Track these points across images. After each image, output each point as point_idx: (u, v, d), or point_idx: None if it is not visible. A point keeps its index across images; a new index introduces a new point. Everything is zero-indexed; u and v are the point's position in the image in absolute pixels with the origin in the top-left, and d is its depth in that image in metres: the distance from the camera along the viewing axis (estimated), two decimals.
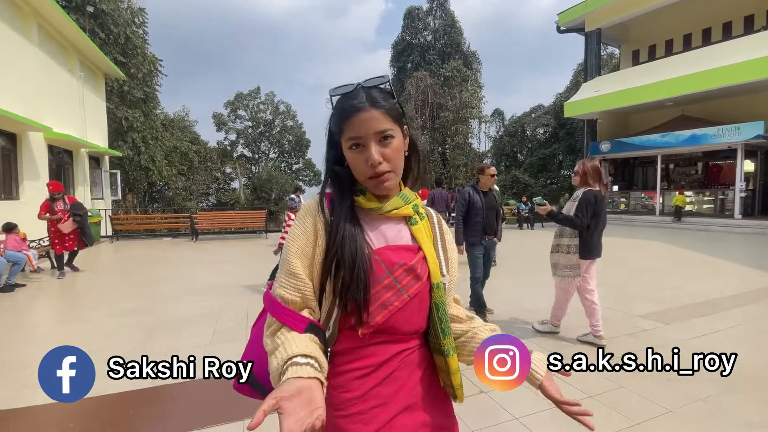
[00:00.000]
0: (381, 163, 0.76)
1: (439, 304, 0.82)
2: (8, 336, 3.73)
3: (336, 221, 0.80)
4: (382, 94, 0.80)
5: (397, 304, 0.78)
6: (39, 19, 9.12)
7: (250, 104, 32.45)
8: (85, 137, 11.28)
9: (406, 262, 0.79)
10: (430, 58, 24.96)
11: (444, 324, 0.83)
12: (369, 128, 0.76)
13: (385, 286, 0.77)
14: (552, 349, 2.94)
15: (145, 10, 18.19)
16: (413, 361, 0.82)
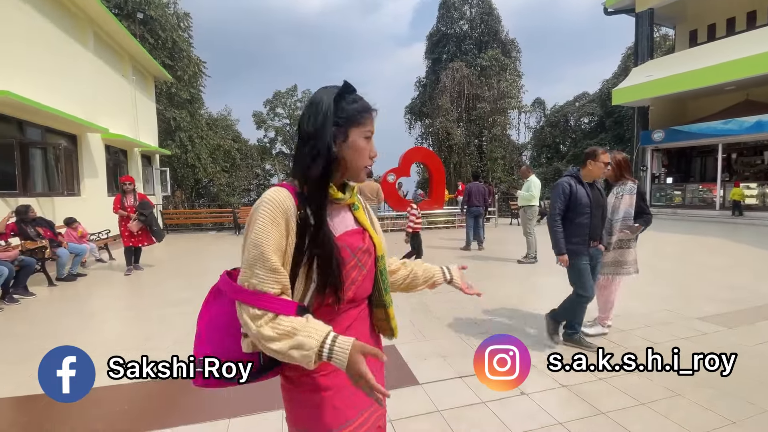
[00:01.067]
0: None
1: (382, 270, 1.00)
2: (69, 322, 4.06)
3: (307, 215, 0.86)
4: None
5: (360, 279, 0.94)
6: (94, 27, 9.80)
7: (288, 102, 33.27)
8: (137, 137, 12.07)
9: (363, 244, 0.95)
10: (466, 48, 24.29)
11: (386, 284, 1.02)
12: (373, 129, 0.94)
13: (351, 267, 0.91)
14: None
15: (189, 15, 19.08)
16: (364, 316, 1.00)
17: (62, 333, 3.67)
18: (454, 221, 12.45)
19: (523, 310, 4.06)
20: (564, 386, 2.49)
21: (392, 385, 2.54)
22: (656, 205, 15.79)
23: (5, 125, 6.59)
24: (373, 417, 0.97)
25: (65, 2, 8.57)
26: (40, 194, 7.38)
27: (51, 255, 5.68)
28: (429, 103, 25.04)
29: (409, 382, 2.57)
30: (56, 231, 6.15)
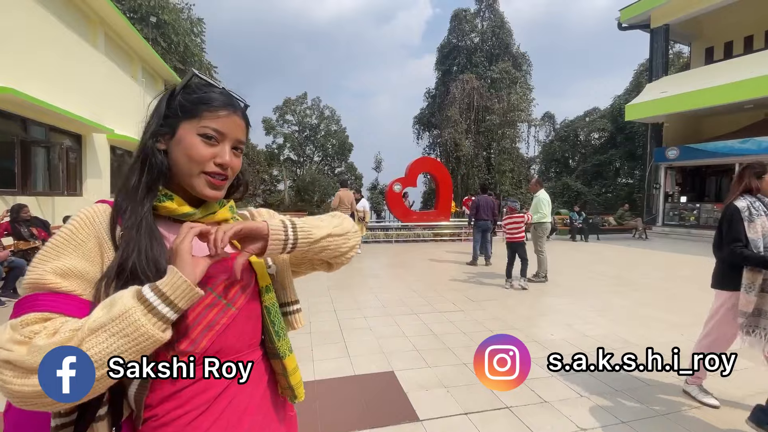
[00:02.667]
0: (227, 167, 0.70)
1: (270, 306, 0.75)
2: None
3: (128, 236, 0.63)
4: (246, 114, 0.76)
5: (225, 321, 0.68)
6: (106, 29, 9.84)
7: (297, 109, 33.45)
8: None
9: (227, 275, 0.69)
10: (476, 61, 24.26)
11: (278, 326, 0.76)
12: (233, 131, 0.70)
13: (207, 305, 0.66)
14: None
15: (203, 20, 19.31)
16: (257, 377, 0.73)
17: None
18: (460, 234, 12.17)
19: (534, 334, 3.78)
20: (582, 429, 2.21)
21: (389, 420, 2.27)
22: (669, 224, 15.37)
23: (8, 123, 6.51)
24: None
25: (77, 3, 8.60)
26: (39, 193, 7.27)
27: None
28: (438, 113, 24.99)
29: (408, 417, 2.30)
30: (51, 231, 6.01)
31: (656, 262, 8.48)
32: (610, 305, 4.89)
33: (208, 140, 0.68)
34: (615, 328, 3.99)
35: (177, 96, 0.70)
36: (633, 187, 21.53)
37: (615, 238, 13.38)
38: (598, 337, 3.69)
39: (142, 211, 0.65)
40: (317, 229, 0.74)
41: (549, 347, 3.43)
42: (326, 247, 0.76)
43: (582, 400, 2.53)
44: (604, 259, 8.99)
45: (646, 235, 13.30)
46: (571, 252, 10.09)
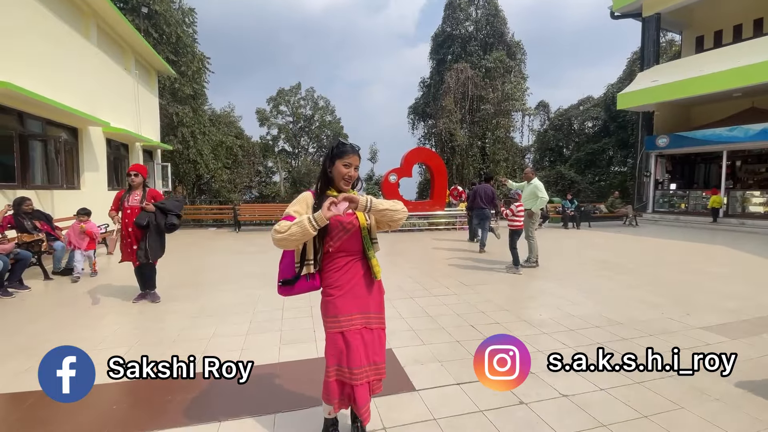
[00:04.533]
0: (353, 177, 1.78)
1: (365, 236, 1.79)
2: (64, 316, 4.01)
3: (318, 204, 1.71)
4: (358, 152, 1.79)
5: (345, 237, 1.75)
6: (98, 20, 9.76)
7: (291, 100, 33.19)
8: (139, 131, 12.03)
9: (348, 220, 1.75)
10: (471, 50, 24.19)
11: (367, 246, 1.79)
12: (355, 162, 1.76)
13: (338, 230, 1.74)
14: None
15: (194, 10, 19.02)
16: (357, 263, 1.80)
17: (56, 327, 3.62)
18: (455, 223, 12.38)
19: (524, 314, 4.00)
20: (564, 396, 2.43)
21: (388, 391, 2.47)
22: (659, 211, 15.70)
23: (5, 117, 6.54)
24: (361, 319, 1.77)
25: None
26: (39, 187, 7.33)
27: (47, 248, 5.64)
28: (432, 103, 24.99)
29: (405, 388, 2.50)
30: (53, 224, 6.11)
31: (644, 248, 8.75)
32: (596, 288, 5.13)
33: (345, 167, 1.74)
34: (599, 308, 4.22)
35: (334, 150, 1.76)
36: (626, 175, 21.83)
37: (606, 225, 13.67)
38: (583, 317, 3.92)
39: (322, 195, 1.74)
40: (381, 204, 1.67)
41: (536, 326, 3.66)
42: (385, 214, 1.70)
43: (563, 372, 2.74)
44: (594, 245, 9.25)
45: (637, 222, 13.60)
46: (563, 239, 10.35)
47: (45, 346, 3.08)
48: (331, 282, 1.76)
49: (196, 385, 2.46)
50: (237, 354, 2.97)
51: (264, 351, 3.04)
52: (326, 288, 1.78)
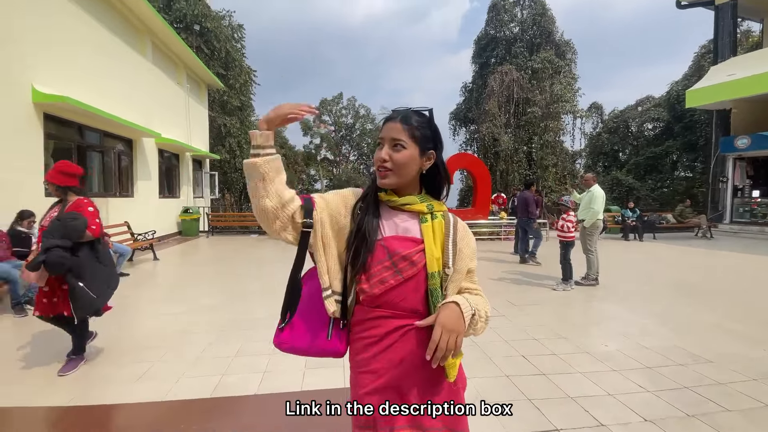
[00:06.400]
0: (386, 161, 1.00)
1: (432, 290, 1.00)
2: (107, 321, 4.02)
3: (359, 209, 1.05)
4: (417, 118, 1.02)
5: (392, 282, 0.99)
6: (153, 38, 10.35)
7: (333, 109, 33.92)
8: (189, 142, 12.61)
9: (405, 251, 0.99)
10: (516, 51, 23.20)
11: (437, 308, 0.98)
12: (388, 134, 1.01)
13: (385, 267, 0.99)
14: None
15: (243, 26, 19.95)
16: (413, 337, 1.00)
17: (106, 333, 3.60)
18: (499, 233, 11.65)
19: (585, 344, 3.42)
20: None
21: None
22: (739, 221, 13.85)
23: (66, 129, 6.99)
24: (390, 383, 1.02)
25: (127, 15, 9.10)
26: (95, 195, 7.76)
27: None
28: (475, 108, 24.23)
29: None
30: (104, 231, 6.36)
31: (724, 265, 7.60)
32: (670, 312, 4.39)
33: (379, 147, 1.03)
34: (677, 338, 3.54)
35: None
36: (693, 181, 19.66)
37: (674, 237, 12.24)
38: (660, 349, 3.28)
39: (370, 197, 1.06)
40: (479, 323, 1.01)
41: (603, 359, 3.08)
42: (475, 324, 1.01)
43: (646, 426, 2.19)
44: (662, 260, 8.20)
45: (711, 234, 12.04)
46: (625, 252, 9.32)
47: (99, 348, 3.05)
48: (361, 359, 1.03)
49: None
50: (258, 378, 2.72)
51: (286, 375, 2.77)
52: (355, 367, 1.05)
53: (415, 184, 1.05)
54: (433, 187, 1.09)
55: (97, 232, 2.76)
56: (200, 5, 16.43)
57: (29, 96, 5.84)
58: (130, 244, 7.07)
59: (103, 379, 2.78)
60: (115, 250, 6.11)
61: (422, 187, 1.08)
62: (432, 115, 1.05)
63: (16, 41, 5.60)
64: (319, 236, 1.02)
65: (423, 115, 1.03)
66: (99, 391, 2.59)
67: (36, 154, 6.04)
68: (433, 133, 1.03)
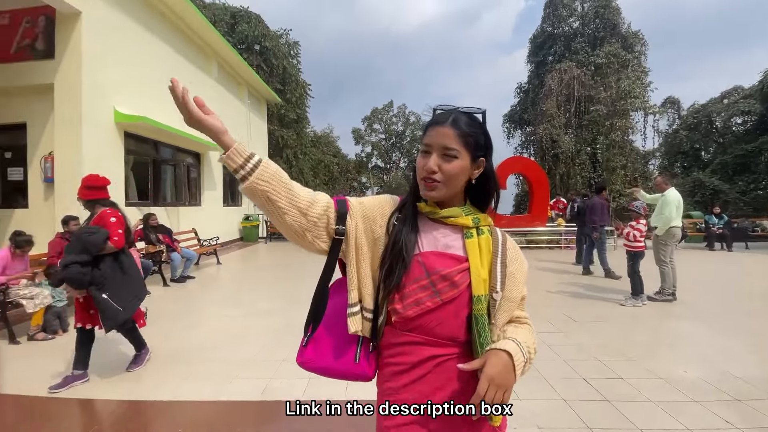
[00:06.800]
0: (435, 172, 0.87)
1: (478, 316, 0.86)
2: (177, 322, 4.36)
3: (396, 219, 0.93)
4: (469, 121, 0.89)
5: (429, 304, 0.86)
6: (219, 60, 11.26)
7: (384, 118, 34.43)
8: None
9: (445, 269, 0.87)
10: (576, 47, 21.83)
11: (483, 338, 0.86)
12: (438, 141, 0.87)
13: (421, 286, 0.87)
14: None
15: (299, 43, 21.06)
16: (450, 369, 0.87)
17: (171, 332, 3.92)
18: (559, 241, 10.90)
19: (659, 369, 3.01)
20: None
21: None
22: None
23: (143, 145, 7.80)
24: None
25: (197, 41, 10.00)
26: (167, 204, 8.56)
27: (166, 259, 6.41)
28: (531, 109, 23.16)
29: None
30: (173, 238, 6.96)
31: None
32: (763, 335, 3.74)
33: (424, 154, 0.90)
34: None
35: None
36: None
37: None
38: (752, 380, 2.79)
39: (408, 207, 0.94)
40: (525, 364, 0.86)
41: (681, 388, 2.68)
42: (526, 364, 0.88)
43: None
44: (753, 273, 7.11)
45: None
46: (709, 264, 8.23)
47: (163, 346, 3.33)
48: (388, 388, 0.92)
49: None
50: (303, 384, 2.75)
51: (330, 383, 2.76)
52: (382, 395, 0.94)
53: (460, 195, 0.94)
54: (479, 197, 0.96)
55: (119, 243, 2.77)
56: (260, 26, 17.65)
57: (112, 117, 6.60)
58: (196, 249, 7.67)
59: (164, 375, 2.99)
60: (183, 254, 6.66)
61: (466, 197, 0.96)
62: (485, 118, 0.93)
63: (102, 69, 6.37)
64: (352, 245, 0.90)
65: (475, 118, 0.92)
66: (159, 387, 2.78)
67: (118, 168, 6.80)
68: (485, 139, 0.92)
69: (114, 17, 6.64)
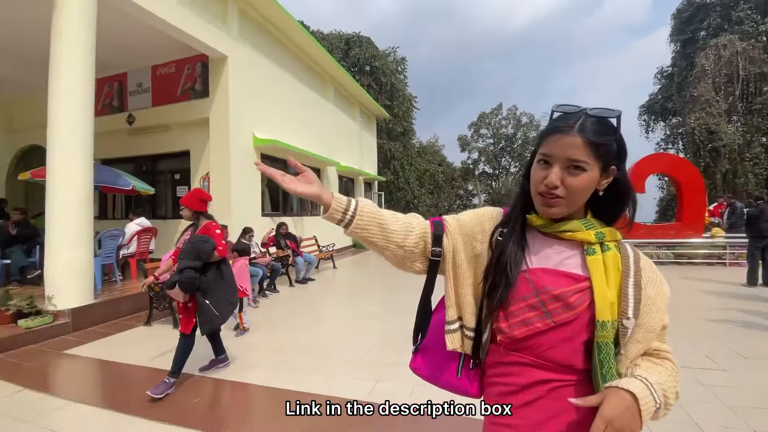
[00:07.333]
0: (557, 187, 0.77)
1: (602, 344, 0.75)
2: (299, 318, 4.90)
3: (500, 234, 0.86)
4: (599, 127, 0.77)
5: (539, 325, 0.78)
6: (335, 84, 12.42)
7: (492, 122, 33.09)
8: (362, 167, 14.45)
9: (557, 289, 0.78)
10: (739, 16, 17.56)
11: (606, 369, 0.75)
12: (562, 152, 0.76)
13: (529, 305, 0.79)
14: None
15: (405, 59, 21.89)
16: (567, 397, 0.76)
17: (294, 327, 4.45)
18: (722, 256, 8.74)
19: None
20: None
21: None
22: None
23: (274, 164, 9.01)
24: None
25: (317, 69, 11.24)
26: (294, 214, 9.72)
27: (292, 262, 7.24)
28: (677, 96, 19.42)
29: None
30: (299, 244, 7.85)
31: None
32: None
33: (542, 164, 0.79)
34: None
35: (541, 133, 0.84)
36: None
37: None
38: None
39: (517, 220, 0.86)
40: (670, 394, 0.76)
41: None
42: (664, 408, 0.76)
43: None
44: None
45: None
46: None
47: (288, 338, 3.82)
48: (496, 409, 0.87)
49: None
50: (408, 389, 2.76)
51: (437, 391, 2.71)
52: (489, 416, 0.88)
53: (582, 206, 0.83)
54: (605, 208, 0.84)
55: (223, 252, 3.02)
56: (371, 48, 18.92)
57: (251, 142, 7.83)
58: (316, 254, 8.49)
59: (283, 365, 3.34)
60: (305, 258, 7.45)
61: (587, 208, 0.84)
62: (620, 122, 0.79)
63: (243, 102, 7.63)
64: (449, 265, 0.89)
65: (607, 122, 0.78)
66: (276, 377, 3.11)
67: (256, 184, 8.02)
68: (619, 146, 0.79)
69: (252, 58, 7.93)
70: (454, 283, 0.90)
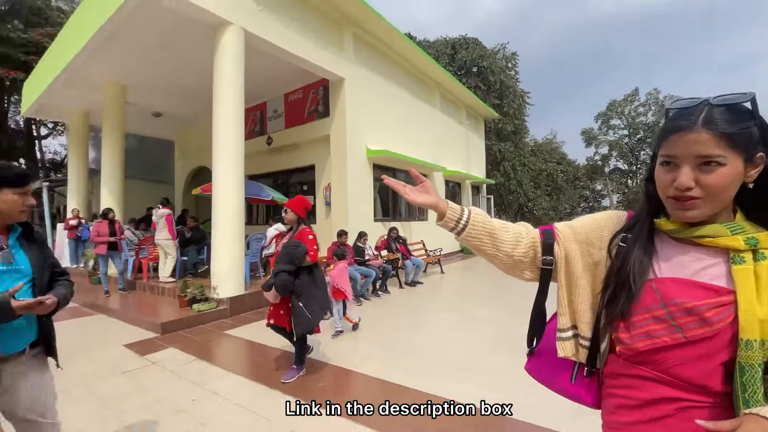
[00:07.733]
0: (691, 188, 0.70)
1: (746, 366, 0.67)
2: (408, 319, 5.12)
3: (621, 240, 0.82)
4: (731, 115, 0.69)
5: (666, 339, 0.72)
6: (441, 90, 12.51)
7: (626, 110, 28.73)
8: (469, 171, 14.17)
9: (690, 301, 0.71)
10: None
11: (750, 393, 0.66)
12: (687, 150, 0.71)
13: (655, 317, 0.74)
14: None
15: (516, 53, 20.69)
16: (699, 418, 0.69)
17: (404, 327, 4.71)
18: None
19: None
20: None
21: None
22: None
23: (384, 171, 9.56)
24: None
25: (422, 77, 11.52)
26: (402, 219, 10.11)
27: (401, 265, 7.55)
28: None
29: None
30: (408, 247, 8.15)
31: None
32: None
33: (667, 166, 0.74)
34: None
35: (666, 120, 0.80)
36: None
37: None
38: None
39: (644, 225, 0.82)
40: None
41: None
42: None
43: None
44: None
45: None
46: None
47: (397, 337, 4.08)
48: (614, 422, 0.83)
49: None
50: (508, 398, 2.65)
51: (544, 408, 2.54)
52: (606, 427, 0.86)
53: (728, 207, 0.74)
54: (761, 205, 0.73)
55: (314, 257, 3.12)
56: (478, 49, 18.47)
57: (365, 153, 8.46)
58: (423, 258, 8.67)
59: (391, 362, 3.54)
60: (413, 262, 7.69)
61: (736, 207, 0.75)
62: (755, 105, 0.70)
63: (358, 118, 8.30)
64: (562, 273, 0.89)
65: (739, 108, 0.70)
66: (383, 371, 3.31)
67: (369, 192, 8.62)
68: (761, 129, 0.70)
69: (364, 76, 8.59)
70: (567, 291, 0.89)
